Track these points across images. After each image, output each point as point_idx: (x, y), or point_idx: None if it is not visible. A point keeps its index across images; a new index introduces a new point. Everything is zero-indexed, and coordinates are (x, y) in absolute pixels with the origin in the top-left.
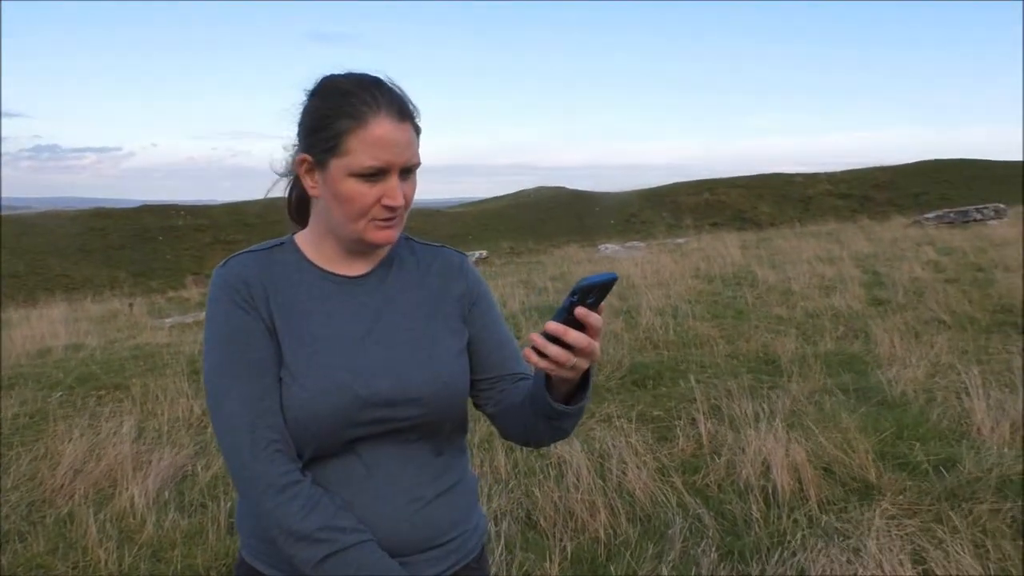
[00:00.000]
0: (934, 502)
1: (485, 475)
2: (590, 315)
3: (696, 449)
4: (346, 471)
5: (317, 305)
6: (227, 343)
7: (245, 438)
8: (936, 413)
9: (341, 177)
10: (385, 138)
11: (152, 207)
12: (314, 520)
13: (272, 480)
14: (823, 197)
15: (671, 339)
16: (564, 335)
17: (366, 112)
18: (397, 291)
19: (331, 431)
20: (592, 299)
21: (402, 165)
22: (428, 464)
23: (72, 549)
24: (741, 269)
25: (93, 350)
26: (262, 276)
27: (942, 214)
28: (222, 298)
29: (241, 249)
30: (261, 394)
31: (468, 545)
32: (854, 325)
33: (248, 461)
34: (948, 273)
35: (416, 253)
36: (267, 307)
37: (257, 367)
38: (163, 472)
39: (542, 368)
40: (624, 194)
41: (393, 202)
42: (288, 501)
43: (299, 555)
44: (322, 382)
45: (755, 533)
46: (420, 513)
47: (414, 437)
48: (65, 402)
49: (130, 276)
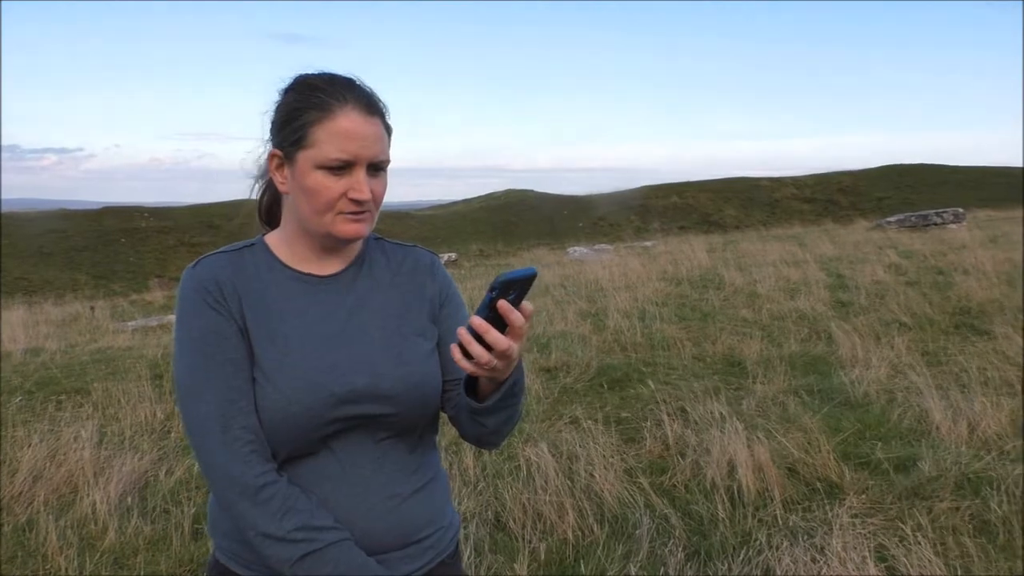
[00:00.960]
0: (896, 500)
1: (454, 477)
2: (512, 312)
3: (663, 450)
4: (322, 470)
5: (288, 305)
6: (199, 344)
7: (218, 440)
8: (897, 413)
9: (308, 170)
10: (352, 130)
11: (114, 209)
12: (290, 520)
13: (247, 482)
14: (789, 201)
15: (638, 341)
16: (485, 333)
17: (333, 104)
18: (368, 290)
19: (306, 430)
20: (513, 295)
21: (369, 159)
22: (403, 462)
23: (32, 557)
24: (708, 272)
25: (53, 354)
26: (234, 276)
27: (903, 218)
28: (194, 299)
29: (206, 251)
30: (234, 395)
31: (444, 542)
32: (818, 327)
33: (222, 463)
34: (909, 276)
35: (387, 253)
36: (239, 307)
37: (230, 368)
38: (125, 478)
39: (465, 369)
40: (592, 197)
41: (359, 195)
42: (264, 503)
43: (276, 556)
44: (296, 382)
45: (721, 533)
46: (397, 510)
47: (388, 435)
48: (24, 407)
49: (92, 279)
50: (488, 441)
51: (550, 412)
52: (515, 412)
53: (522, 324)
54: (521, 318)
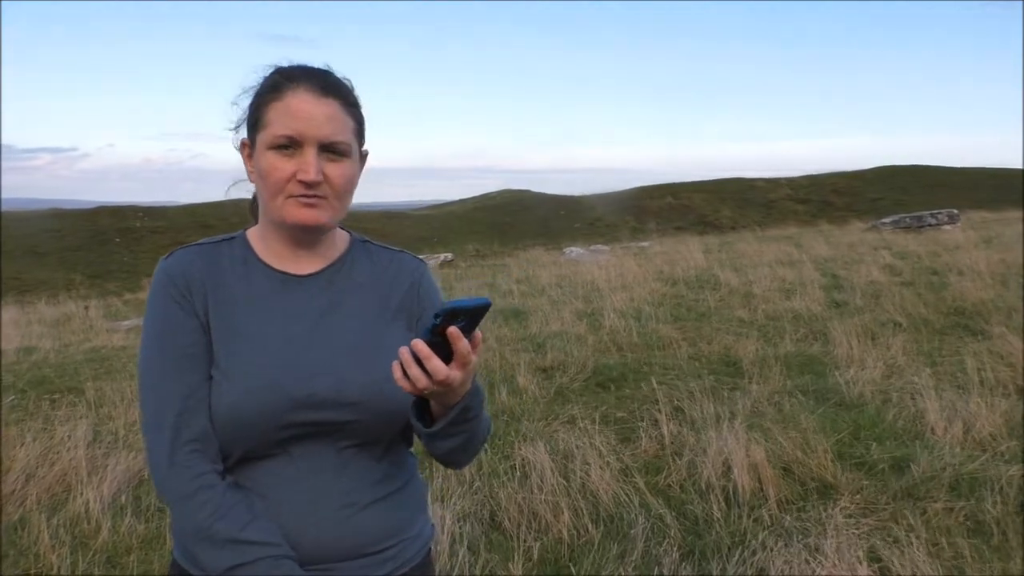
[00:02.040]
0: (890, 501)
1: (448, 477)
2: (460, 339)
3: (658, 450)
4: (277, 473)
5: (258, 302)
6: (158, 337)
7: (165, 437)
8: (892, 414)
9: (262, 152)
10: (299, 108)
11: (109, 208)
12: (221, 528)
13: (182, 485)
14: (784, 202)
15: (634, 341)
16: (426, 359)
17: (285, 85)
18: (345, 293)
19: (261, 431)
20: (462, 322)
21: (319, 139)
22: (366, 471)
23: (24, 556)
24: (704, 272)
25: (47, 353)
26: (204, 270)
27: (898, 219)
28: (159, 291)
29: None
30: (188, 391)
31: (407, 554)
32: (813, 327)
33: (164, 464)
34: (904, 276)
35: (372, 256)
36: (203, 302)
37: (186, 363)
38: (119, 476)
39: (401, 386)
40: (589, 197)
41: (306, 176)
42: (197, 508)
43: (205, 561)
44: (252, 380)
45: (716, 533)
46: (351, 520)
47: (351, 443)
48: (17, 406)
49: (86, 278)
50: (450, 462)
51: (546, 412)
52: (471, 437)
53: (467, 352)
54: (467, 346)
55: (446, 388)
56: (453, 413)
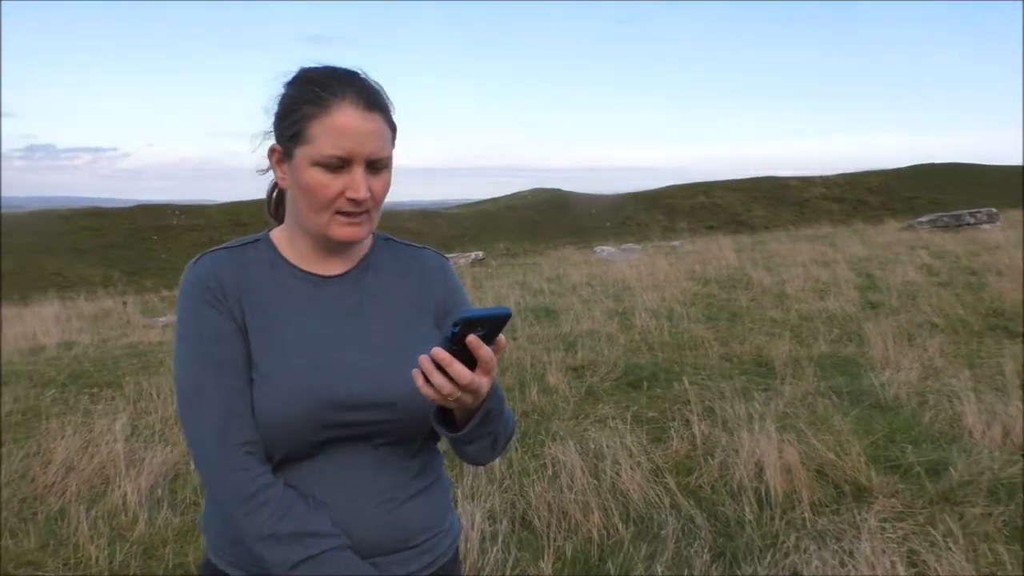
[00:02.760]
0: (926, 505)
1: (479, 475)
2: (481, 347)
3: (690, 450)
4: (317, 473)
5: (290, 305)
6: (197, 343)
7: (215, 442)
8: (928, 416)
9: (305, 166)
10: (348, 126)
11: (147, 207)
12: (286, 525)
13: (242, 486)
14: (818, 201)
15: (666, 341)
16: (448, 365)
17: (329, 99)
18: (374, 293)
19: (303, 433)
20: (482, 331)
21: (367, 156)
22: (402, 467)
23: (63, 546)
24: (736, 272)
25: (86, 348)
26: (235, 274)
27: (935, 218)
28: (193, 296)
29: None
30: (232, 396)
31: (442, 547)
32: (848, 328)
33: (218, 467)
34: (941, 277)
35: (396, 253)
36: (239, 306)
37: (228, 368)
38: (156, 470)
39: (425, 394)
40: (620, 196)
41: (356, 195)
42: (259, 507)
43: (273, 560)
44: (294, 384)
45: (748, 534)
46: (392, 514)
47: (387, 440)
48: (58, 400)
49: (124, 275)
50: (478, 461)
51: (576, 411)
52: (497, 438)
53: (490, 359)
54: (490, 353)
55: (472, 393)
56: (478, 417)
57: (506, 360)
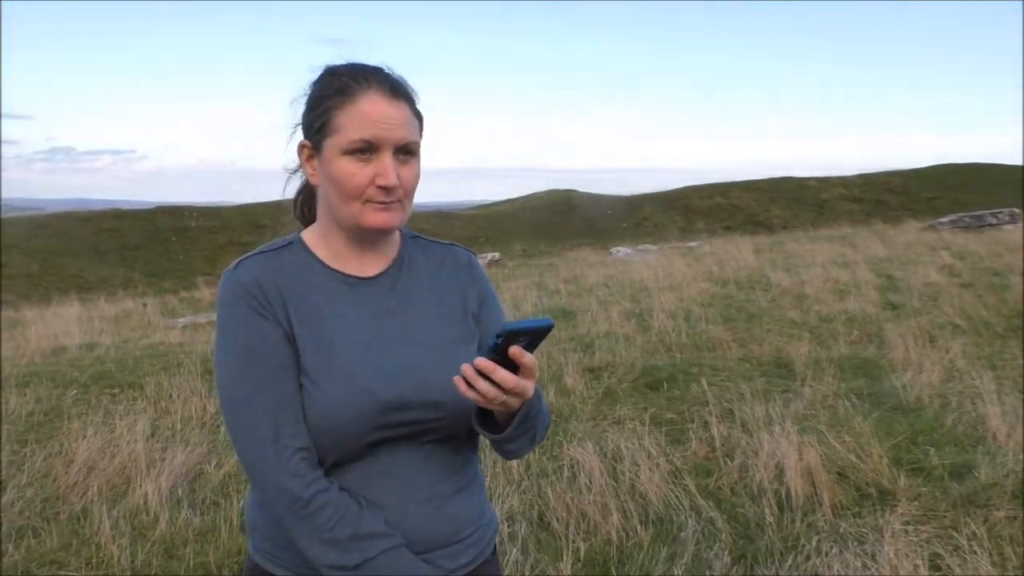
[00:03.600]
0: (949, 508)
1: (497, 476)
2: (524, 355)
3: (709, 452)
4: (366, 474)
5: (333, 308)
6: (245, 351)
7: (269, 450)
8: (951, 418)
9: (334, 157)
10: (374, 112)
11: (166, 208)
12: (343, 529)
13: (299, 493)
14: (837, 201)
15: (684, 342)
16: (492, 372)
17: (355, 88)
18: (411, 292)
19: (355, 436)
20: (524, 341)
21: (395, 142)
22: (447, 463)
23: (85, 545)
24: (754, 273)
25: (107, 349)
26: (276, 279)
27: (957, 218)
28: (237, 303)
29: (251, 250)
30: (283, 403)
31: (484, 540)
32: (868, 329)
33: (273, 475)
34: (963, 278)
35: (426, 251)
36: (284, 311)
37: (278, 374)
38: (176, 470)
39: (469, 398)
40: (636, 197)
41: (386, 181)
42: (316, 513)
43: (331, 565)
44: (345, 387)
45: (768, 537)
46: (441, 510)
47: (433, 438)
48: (79, 400)
49: (144, 276)
50: (515, 456)
51: (594, 412)
52: (535, 434)
53: (533, 365)
54: (533, 360)
55: (520, 396)
56: (519, 417)
57: None
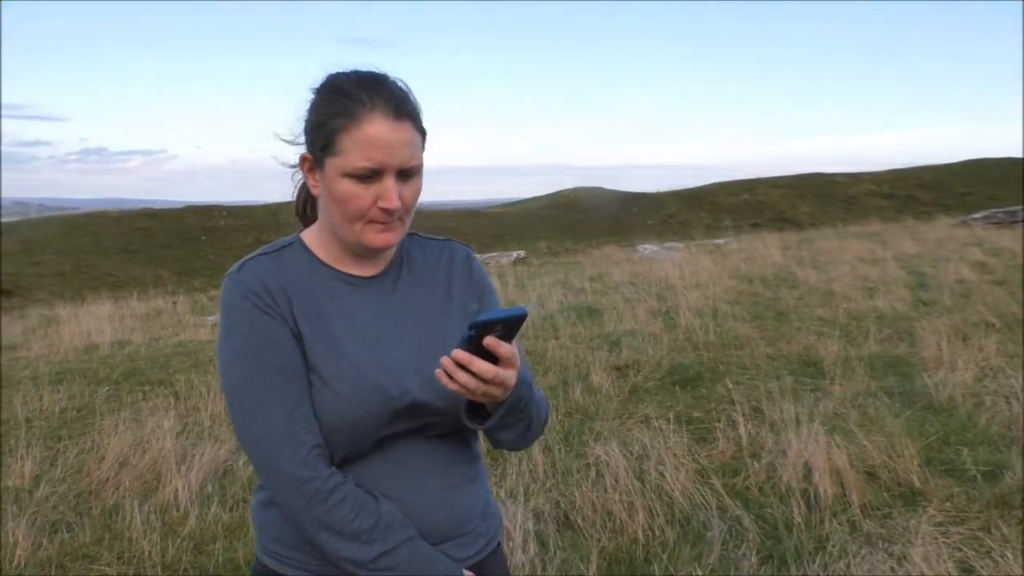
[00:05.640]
0: (982, 510)
1: (523, 474)
2: (500, 345)
3: (736, 451)
4: (377, 469)
5: (337, 306)
6: (256, 351)
7: (285, 447)
8: (985, 418)
9: (336, 177)
10: (378, 138)
11: (196, 208)
12: (363, 521)
13: (318, 487)
14: (866, 197)
15: (710, 340)
16: (469, 364)
17: (359, 111)
18: (411, 289)
19: (365, 431)
20: (499, 331)
21: (397, 166)
22: (453, 456)
23: (117, 540)
24: (782, 270)
25: (138, 347)
26: (279, 279)
27: (990, 214)
28: (243, 305)
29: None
30: (296, 401)
31: (491, 530)
32: (899, 327)
33: (290, 471)
34: (996, 275)
35: (424, 249)
36: (289, 311)
37: (289, 373)
38: (205, 466)
39: (452, 391)
40: (662, 194)
41: (388, 204)
42: (336, 505)
43: (351, 557)
44: (355, 384)
45: (796, 537)
46: (451, 502)
47: (439, 432)
48: (111, 397)
49: (174, 275)
50: (512, 447)
51: (620, 411)
52: (530, 423)
53: (511, 355)
54: (510, 349)
55: (499, 386)
56: (504, 408)
57: (548, 359)
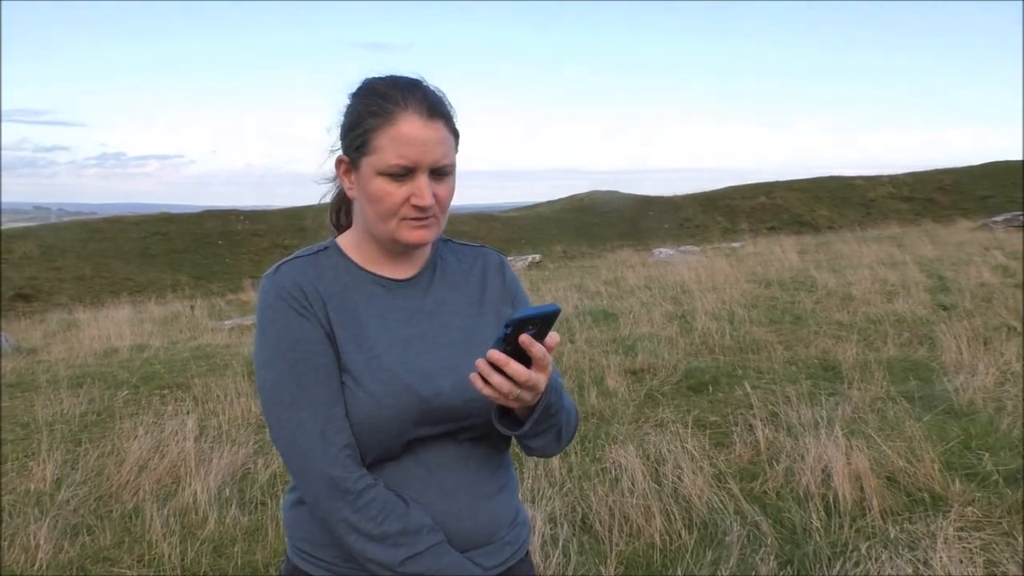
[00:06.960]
0: (1004, 514)
1: (539, 478)
2: (534, 345)
3: (753, 456)
4: (408, 472)
5: (371, 309)
6: (288, 352)
7: (316, 446)
8: (1006, 422)
9: (370, 176)
10: (411, 136)
11: (213, 212)
12: (391, 524)
13: (348, 487)
14: (885, 200)
15: (727, 344)
16: (504, 365)
17: (393, 110)
18: (445, 293)
19: (396, 433)
20: (533, 330)
21: (430, 164)
22: (485, 462)
23: (137, 543)
24: (799, 273)
25: (157, 350)
26: (315, 282)
27: (1011, 217)
28: (278, 306)
29: (290, 254)
30: (329, 401)
31: (521, 539)
32: (918, 331)
33: (322, 470)
34: (1018, 278)
35: (458, 254)
36: (324, 312)
37: (322, 374)
38: (224, 469)
39: (485, 394)
40: (678, 198)
41: (421, 201)
42: (365, 507)
43: (378, 559)
44: (387, 386)
45: (816, 542)
46: (482, 509)
47: (471, 436)
48: (130, 400)
49: (191, 279)
50: (544, 454)
51: (636, 415)
52: (561, 430)
53: (543, 356)
54: (543, 350)
55: (530, 390)
56: (538, 412)
57: (564, 363)
